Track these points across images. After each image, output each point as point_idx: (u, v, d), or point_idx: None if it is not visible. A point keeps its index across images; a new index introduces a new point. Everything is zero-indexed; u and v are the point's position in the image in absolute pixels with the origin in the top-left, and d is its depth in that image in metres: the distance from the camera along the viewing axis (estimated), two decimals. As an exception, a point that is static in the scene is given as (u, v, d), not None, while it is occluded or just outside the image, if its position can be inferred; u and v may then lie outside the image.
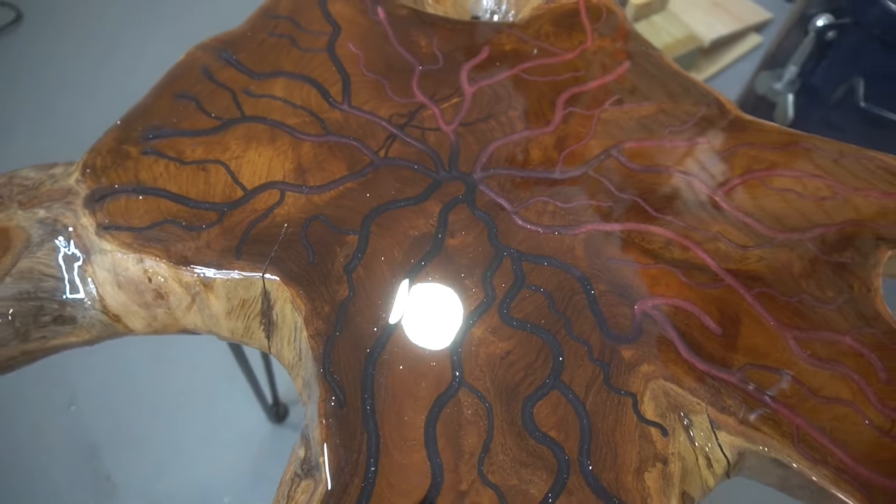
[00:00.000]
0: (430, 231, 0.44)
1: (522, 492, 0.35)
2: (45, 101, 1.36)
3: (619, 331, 0.41)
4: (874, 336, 0.42)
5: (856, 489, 0.36)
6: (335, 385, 0.38)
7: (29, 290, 0.42)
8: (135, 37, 1.49)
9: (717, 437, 0.38)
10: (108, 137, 0.47)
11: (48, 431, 0.97)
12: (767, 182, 0.48)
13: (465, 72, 0.52)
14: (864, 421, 0.39)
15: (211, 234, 0.43)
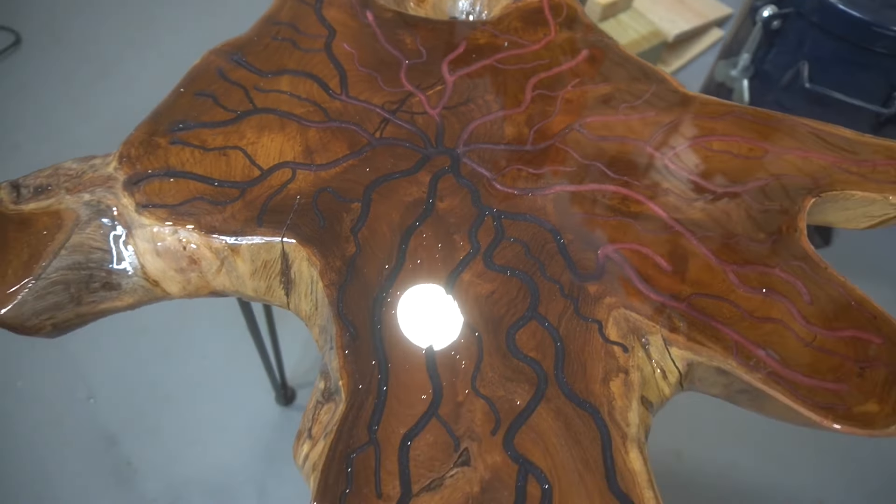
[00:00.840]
0: (422, 197, 0.51)
1: (509, 400, 0.43)
2: (45, 119, 1.42)
3: (585, 271, 0.48)
4: (800, 267, 0.50)
5: (785, 388, 0.44)
6: (348, 323, 0.45)
7: (80, 261, 0.49)
8: (130, 56, 1.55)
9: (670, 352, 0.45)
10: (139, 131, 0.54)
11: (69, 423, 1.03)
12: (708, 146, 0.56)
13: (446, 64, 0.60)
14: (791, 334, 0.46)
15: (235, 208, 0.50)
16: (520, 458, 0.40)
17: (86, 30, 1.60)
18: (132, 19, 1.63)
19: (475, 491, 0.39)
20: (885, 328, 0.47)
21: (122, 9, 1.67)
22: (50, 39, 1.56)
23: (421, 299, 0.46)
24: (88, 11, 1.65)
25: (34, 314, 0.48)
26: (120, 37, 1.60)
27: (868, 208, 0.56)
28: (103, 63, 1.53)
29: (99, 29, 1.61)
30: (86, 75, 1.51)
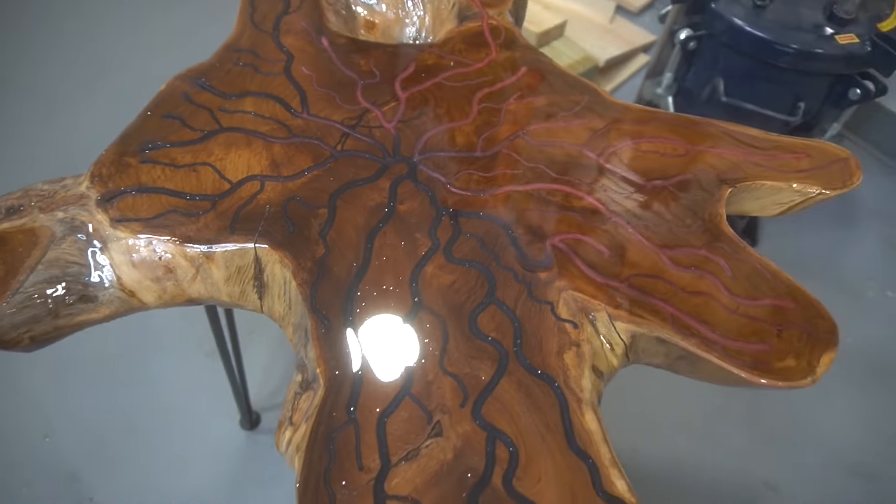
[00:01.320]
0: (383, 201, 0.55)
1: (475, 376, 0.47)
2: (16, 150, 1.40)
3: (535, 260, 0.53)
4: (721, 248, 0.56)
5: (716, 351, 0.50)
6: (322, 316, 0.48)
7: (57, 275, 0.51)
8: (78, 96, 1.55)
9: (615, 326, 0.51)
10: (109, 152, 0.57)
11: (26, 464, 1.00)
12: (637, 147, 0.63)
13: (398, 83, 0.65)
14: (718, 305, 0.52)
15: (207, 219, 0.53)
16: (487, 426, 0.45)
17: (32, 72, 1.60)
18: (77, 60, 1.64)
19: (449, 458, 0.43)
20: (798, 296, 0.54)
21: (68, 51, 1.67)
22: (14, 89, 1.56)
23: (388, 292, 0.50)
24: (34, 55, 1.64)
25: (12, 328, 0.49)
26: (68, 77, 1.60)
27: (776, 196, 0.63)
28: (52, 104, 1.53)
29: (46, 72, 1.60)
30: (35, 117, 1.50)
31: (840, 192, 0.63)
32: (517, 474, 0.43)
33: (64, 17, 1.77)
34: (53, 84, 1.57)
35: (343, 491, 0.41)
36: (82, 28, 1.74)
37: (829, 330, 0.52)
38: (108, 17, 1.78)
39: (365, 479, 0.42)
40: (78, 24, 1.75)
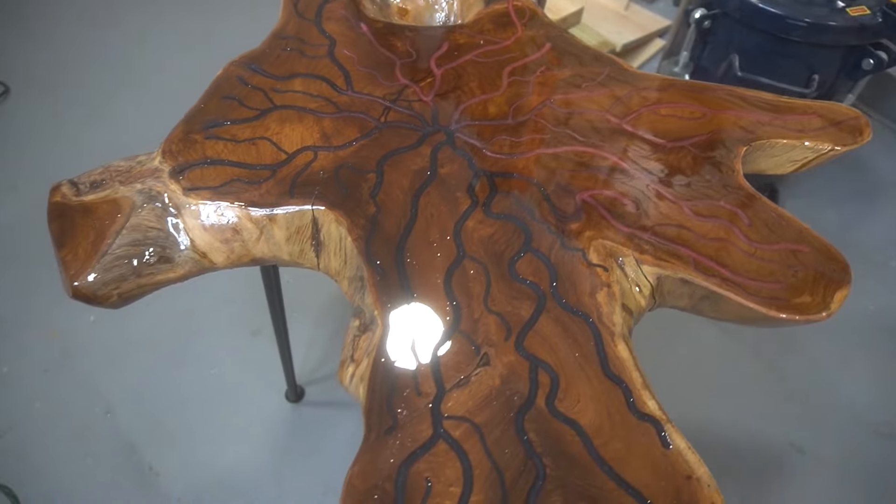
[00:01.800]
0: (426, 166, 0.61)
1: (516, 314, 0.52)
2: (40, 161, 1.48)
3: (567, 213, 0.58)
4: (738, 199, 0.61)
5: (737, 290, 0.54)
6: (377, 266, 0.54)
7: (139, 239, 0.57)
8: (118, 96, 1.63)
9: (642, 269, 0.55)
10: (177, 131, 0.63)
11: (89, 437, 1.07)
12: (656, 111, 0.67)
13: (433, 61, 0.70)
14: (736, 249, 0.57)
15: (268, 185, 0.59)
16: (530, 357, 0.50)
17: (72, 77, 1.68)
18: (116, 63, 1.72)
19: (496, 384, 0.48)
20: (811, 240, 0.58)
21: (106, 54, 1.75)
22: (38, 88, 1.64)
23: (434, 244, 0.56)
24: (73, 60, 1.73)
25: (103, 284, 0.55)
26: (106, 80, 1.68)
27: (790, 154, 0.67)
28: (92, 105, 1.61)
29: (84, 75, 1.69)
30: (76, 118, 1.58)
31: (850, 148, 0.67)
32: (558, 396, 0.48)
33: (97, 22, 1.86)
34: (92, 87, 1.66)
35: (405, 412, 0.47)
36: (118, 32, 1.83)
37: (842, 269, 0.56)
38: (141, 22, 1.86)
39: (422, 402, 0.47)
40: (114, 29, 1.84)
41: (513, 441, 0.46)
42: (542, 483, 0.44)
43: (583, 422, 0.47)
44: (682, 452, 0.46)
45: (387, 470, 0.45)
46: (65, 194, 0.59)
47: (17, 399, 1.12)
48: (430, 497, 0.44)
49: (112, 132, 1.54)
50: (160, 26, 1.86)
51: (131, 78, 1.68)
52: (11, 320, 1.22)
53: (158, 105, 1.62)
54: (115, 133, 1.54)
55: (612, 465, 0.45)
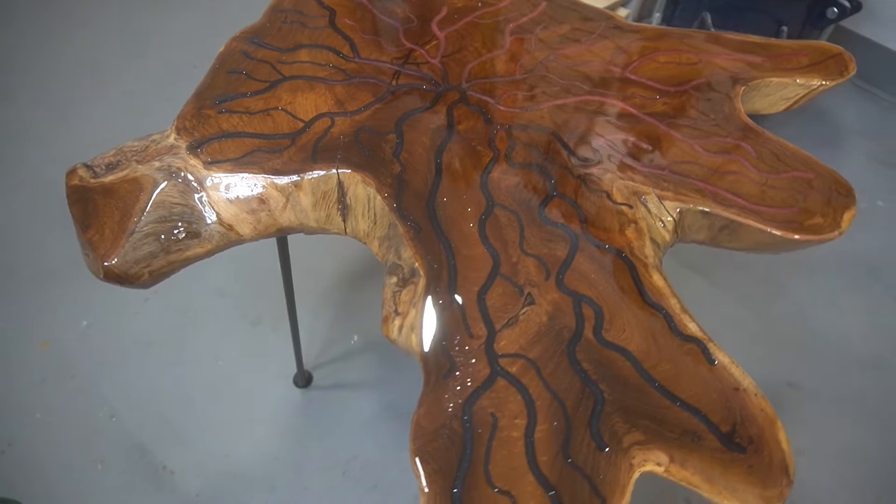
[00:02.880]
0: (443, 123, 0.62)
1: (553, 255, 0.53)
2: (11, 167, 1.44)
3: (586, 158, 0.60)
4: (744, 134, 0.63)
5: (753, 216, 0.57)
6: (411, 220, 0.55)
7: (165, 215, 0.57)
8: (82, 99, 1.59)
9: (664, 205, 0.58)
10: (188, 107, 0.62)
11: (96, 443, 1.05)
12: (655, 59, 0.69)
13: (435, 24, 0.71)
14: (748, 180, 0.60)
15: (290, 153, 0.59)
16: (572, 293, 0.51)
17: (34, 85, 1.63)
18: (77, 74, 1.67)
19: (544, 320, 0.50)
20: (816, 167, 0.61)
21: (67, 60, 1.70)
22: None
23: (463, 196, 0.57)
24: (35, 68, 1.67)
25: (135, 263, 0.55)
26: (69, 84, 1.63)
27: (783, 91, 0.70)
28: (56, 113, 1.56)
29: (47, 83, 1.63)
30: (42, 123, 1.53)
31: (838, 82, 0.70)
32: (605, 327, 0.50)
33: (65, 21, 1.80)
34: (55, 93, 1.60)
35: (460, 355, 0.48)
36: (91, 30, 1.77)
37: (847, 192, 0.60)
38: (109, 20, 1.81)
39: (476, 344, 0.49)
40: (83, 28, 1.78)
41: (568, 372, 0.48)
42: (601, 407, 0.46)
43: (631, 348, 0.49)
44: (727, 367, 0.49)
45: (452, 409, 0.46)
46: (82, 177, 0.58)
47: (15, 413, 1.08)
48: (498, 430, 0.45)
49: (77, 135, 1.50)
50: (120, 29, 1.81)
51: (93, 80, 1.64)
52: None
53: (122, 105, 1.58)
54: (80, 136, 1.50)
55: (665, 384, 0.47)
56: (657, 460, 0.44)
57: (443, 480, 0.43)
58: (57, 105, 1.58)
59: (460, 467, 0.43)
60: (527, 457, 0.44)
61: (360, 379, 1.14)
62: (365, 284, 1.27)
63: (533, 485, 0.43)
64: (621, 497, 0.43)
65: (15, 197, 1.39)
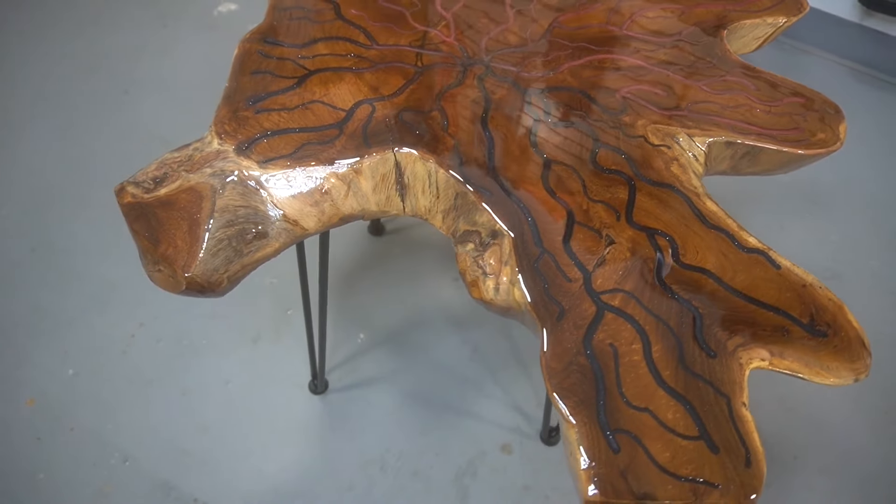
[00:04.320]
0: (478, 95, 0.64)
1: (616, 198, 0.58)
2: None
3: (615, 109, 0.65)
4: (740, 71, 0.70)
5: (766, 138, 0.63)
6: (481, 188, 0.57)
7: (231, 219, 0.56)
8: (30, 127, 1.47)
9: (694, 141, 0.63)
10: (221, 113, 0.61)
11: (114, 490, 0.99)
12: (645, 15, 0.75)
13: (438, 6, 0.73)
14: (755, 110, 0.66)
15: (341, 141, 0.60)
16: (644, 228, 0.56)
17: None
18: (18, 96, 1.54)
19: (628, 256, 0.54)
20: (805, 92, 0.69)
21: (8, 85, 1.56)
22: None
23: (519, 158, 0.60)
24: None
25: (214, 270, 0.54)
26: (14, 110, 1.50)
27: (755, 31, 0.78)
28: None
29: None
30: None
31: (798, 18, 0.79)
32: (681, 252, 0.55)
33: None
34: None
35: (565, 298, 0.51)
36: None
37: (836, 110, 0.68)
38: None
39: (576, 286, 0.52)
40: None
41: (663, 296, 0.52)
42: (700, 321, 0.51)
43: (708, 266, 0.54)
44: (790, 269, 0.55)
45: (574, 347, 0.49)
46: (133, 193, 0.56)
47: (16, 476, 1.01)
48: (620, 357, 0.49)
49: (10, 181, 1.39)
50: (41, 56, 1.68)
51: (19, 118, 1.52)
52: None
53: (56, 141, 1.48)
54: (14, 181, 1.39)
55: (746, 292, 0.53)
56: (760, 357, 0.49)
57: (586, 410, 0.46)
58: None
59: (598, 396, 0.47)
60: (652, 375, 0.48)
61: (374, 374, 1.14)
62: (356, 284, 1.27)
63: (665, 398, 0.47)
64: (741, 393, 0.48)
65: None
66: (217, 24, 1.79)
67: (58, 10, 1.80)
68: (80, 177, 1.42)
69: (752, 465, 0.44)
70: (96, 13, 1.79)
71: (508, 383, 1.14)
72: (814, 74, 1.72)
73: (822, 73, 1.73)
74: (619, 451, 0.44)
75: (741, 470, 0.44)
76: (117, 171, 1.41)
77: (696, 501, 0.43)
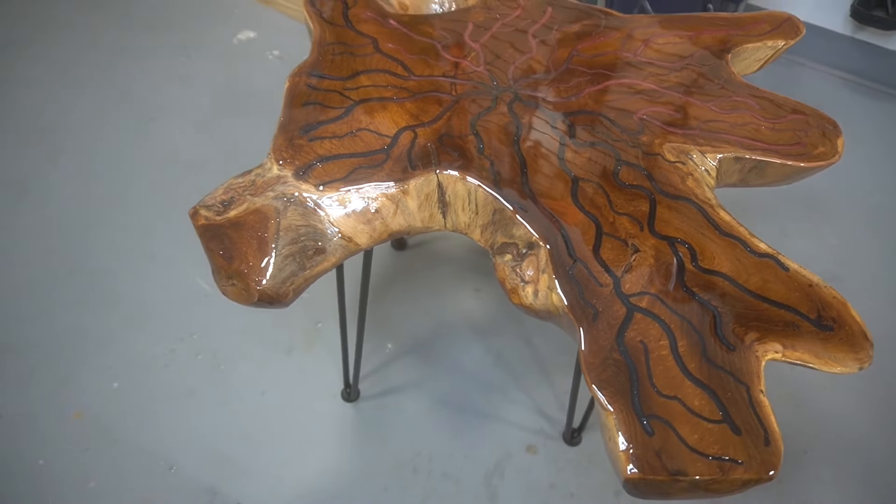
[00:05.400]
0: (510, 119, 0.71)
1: (639, 210, 0.64)
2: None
3: (633, 130, 0.71)
4: (745, 92, 0.77)
5: (771, 153, 0.70)
6: (517, 204, 0.64)
7: (294, 237, 0.62)
8: (39, 175, 1.54)
9: (706, 157, 0.70)
10: (278, 141, 0.68)
11: (161, 496, 1.05)
12: (655, 42, 0.82)
13: (467, 38, 0.80)
14: (761, 127, 0.73)
15: (389, 165, 0.66)
16: (665, 237, 0.62)
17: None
18: (31, 142, 1.61)
19: (652, 262, 0.60)
20: (805, 109, 0.76)
21: (15, 135, 1.63)
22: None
23: (549, 176, 0.66)
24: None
25: (282, 283, 0.60)
26: (21, 161, 1.57)
27: (756, 54, 0.85)
28: (9, 192, 1.50)
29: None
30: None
31: (795, 41, 0.86)
32: (699, 258, 0.61)
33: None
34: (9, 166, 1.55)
35: (597, 301, 0.57)
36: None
37: (834, 125, 0.74)
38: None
39: (607, 290, 0.58)
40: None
41: (685, 297, 0.58)
42: (719, 319, 0.57)
43: (724, 270, 0.60)
44: (798, 270, 0.61)
45: (608, 344, 0.55)
46: (206, 216, 0.63)
47: (68, 485, 1.06)
48: (650, 352, 0.55)
49: (47, 208, 1.46)
50: (69, 88, 1.76)
51: (52, 149, 1.59)
52: (25, 414, 1.14)
53: (78, 181, 1.55)
54: (50, 208, 1.46)
55: (758, 292, 0.59)
56: (774, 349, 0.55)
57: (622, 399, 0.52)
58: (14, 178, 1.53)
59: (632, 386, 0.53)
60: (679, 367, 0.54)
61: (403, 382, 1.20)
62: (382, 296, 1.33)
63: (692, 387, 0.53)
64: (759, 381, 0.54)
65: (9, 275, 1.34)
66: (237, 51, 1.87)
67: (86, 43, 1.88)
68: (112, 201, 1.48)
69: (771, 444, 0.50)
70: (122, 46, 1.87)
71: (531, 388, 1.19)
72: (811, 86, 1.80)
73: (818, 84, 1.80)
74: (653, 435, 0.50)
75: (761, 448, 0.50)
76: (148, 195, 1.48)
77: (723, 476, 0.48)
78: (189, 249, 1.38)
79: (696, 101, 0.75)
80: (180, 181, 1.52)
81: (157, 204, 1.48)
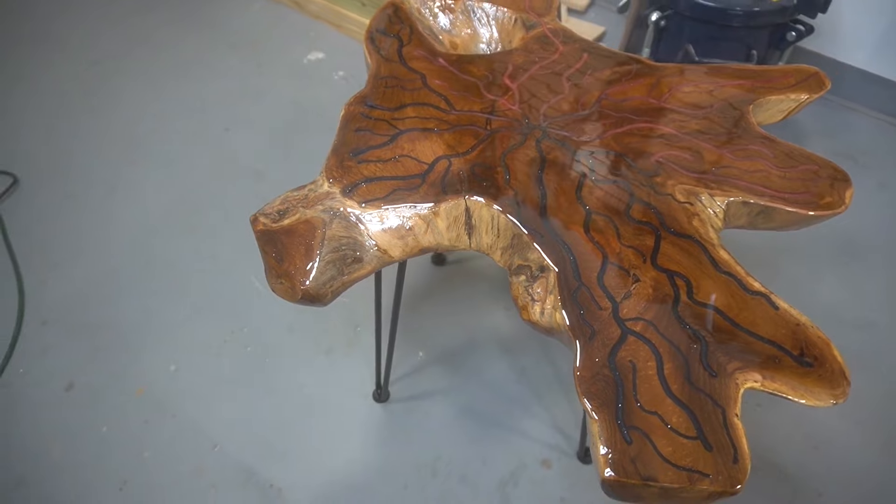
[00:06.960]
0: (536, 155, 0.79)
1: (644, 244, 0.71)
2: (62, 246, 1.54)
3: (649, 171, 0.78)
4: (761, 141, 0.83)
5: (778, 199, 0.75)
6: (533, 230, 0.71)
7: (337, 246, 0.72)
8: (128, 175, 1.71)
9: (715, 200, 0.76)
10: (330, 162, 0.78)
11: (205, 471, 1.16)
12: (681, 90, 0.89)
13: (506, 78, 0.89)
14: (772, 174, 0.78)
15: (424, 189, 0.75)
16: (665, 270, 0.68)
17: (78, 164, 1.74)
18: (121, 145, 1.79)
19: (650, 291, 0.67)
20: (818, 161, 0.81)
21: (107, 139, 1.82)
22: (45, 176, 1.69)
23: (566, 208, 0.74)
24: (78, 149, 1.78)
25: (323, 285, 0.70)
26: (112, 162, 1.74)
27: (780, 106, 0.90)
28: (101, 189, 1.67)
29: (91, 161, 1.74)
30: (86, 202, 1.64)
31: (819, 95, 0.91)
32: (694, 292, 0.67)
33: (96, 111, 1.92)
34: (98, 172, 1.72)
35: (596, 322, 0.64)
36: (116, 112, 1.90)
37: (844, 177, 0.79)
38: (135, 96, 1.94)
39: (605, 314, 0.65)
40: (112, 110, 1.90)
41: (677, 326, 0.64)
42: (706, 348, 0.63)
43: (717, 304, 0.66)
44: (787, 310, 0.66)
45: (600, 361, 0.62)
46: (265, 223, 0.73)
47: (126, 452, 1.19)
48: (638, 371, 0.61)
49: (124, 210, 1.62)
50: (156, 98, 1.95)
51: (138, 156, 1.76)
52: (95, 386, 1.29)
53: (168, 177, 1.71)
54: (127, 211, 1.61)
55: (747, 327, 0.65)
56: (753, 379, 0.61)
57: (607, 410, 0.59)
58: (105, 177, 1.70)
59: (617, 399, 0.59)
60: (662, 387, 0.60)
61: (431, 389, 1.28)
62: (418, 307, 1.42)
63: (672, 405, 0.59)
64: (735, 405, 0.59)
65: (88, 261, 1.50)
66: (306, 70, 2.02)
67: (174, 60, 2.06)
68: (185, 201, 1.64)
69: (739, 462, 0.56)
70: (206, 62, 2.05)
71: (551, 405, 1.25)
72: (862, 132, 1.80)
73: (870, 130, 1.80)
74: (631, 443, 0.57)
75: (729, 465, 0.55)
76: (216, 198, 1.63)
77: (691, 486, 0.54)
78: (247, 251, 1.51)
79: (712, 147, 0.81)
80: (245, 188, 1.66)
81: (224, 206, 1.62)
